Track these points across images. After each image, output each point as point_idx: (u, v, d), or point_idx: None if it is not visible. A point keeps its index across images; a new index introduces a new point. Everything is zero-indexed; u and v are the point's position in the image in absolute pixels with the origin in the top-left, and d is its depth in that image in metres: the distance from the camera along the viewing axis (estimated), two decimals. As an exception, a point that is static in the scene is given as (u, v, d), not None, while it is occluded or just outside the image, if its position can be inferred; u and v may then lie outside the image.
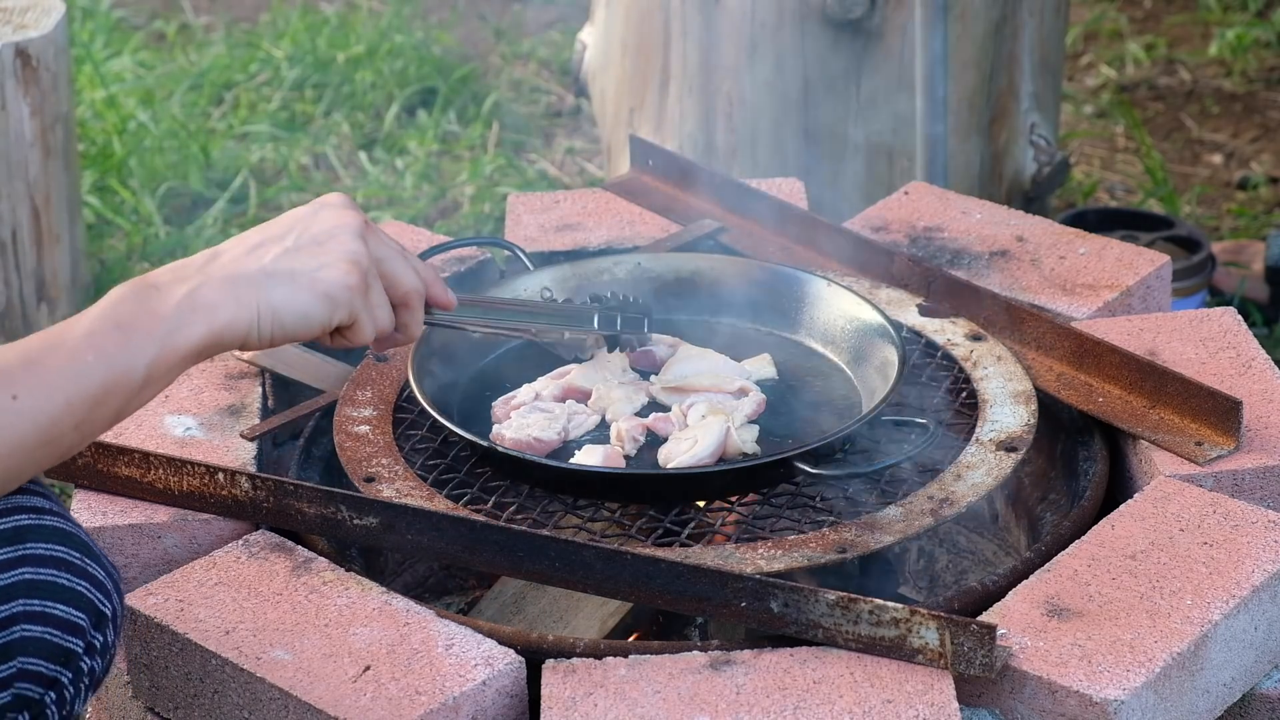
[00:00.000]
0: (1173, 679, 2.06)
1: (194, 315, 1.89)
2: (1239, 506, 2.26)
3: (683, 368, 2.43)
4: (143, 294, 1.89)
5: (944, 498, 2.23)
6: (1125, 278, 2.70)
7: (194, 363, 1.90)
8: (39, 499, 1.90)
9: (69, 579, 1.87)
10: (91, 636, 1.88)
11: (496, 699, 2.08)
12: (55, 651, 1.85)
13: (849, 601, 2.06)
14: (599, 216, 2.90)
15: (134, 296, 1.88)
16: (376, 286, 2.02)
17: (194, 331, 1.88)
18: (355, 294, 1.97)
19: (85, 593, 1.88)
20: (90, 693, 1.91)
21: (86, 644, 1.87)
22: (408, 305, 2.07)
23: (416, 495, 2.26)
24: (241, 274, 1.92)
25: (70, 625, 1.86)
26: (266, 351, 2.53)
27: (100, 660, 1.90)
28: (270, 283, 1.93)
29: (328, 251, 1.96)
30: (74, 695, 1.88)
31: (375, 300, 2.02)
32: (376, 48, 4.85)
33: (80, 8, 5.06)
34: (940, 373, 2.48)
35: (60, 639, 1.85)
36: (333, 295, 1.96)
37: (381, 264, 2.02)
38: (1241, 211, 4.26)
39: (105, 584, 1.90)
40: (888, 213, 2.89)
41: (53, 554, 1.88)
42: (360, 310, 1.99)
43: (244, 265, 1.93)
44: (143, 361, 1.86)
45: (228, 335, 1.91)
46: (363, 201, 4.30)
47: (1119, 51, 5.01)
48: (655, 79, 3.70)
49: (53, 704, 1.86)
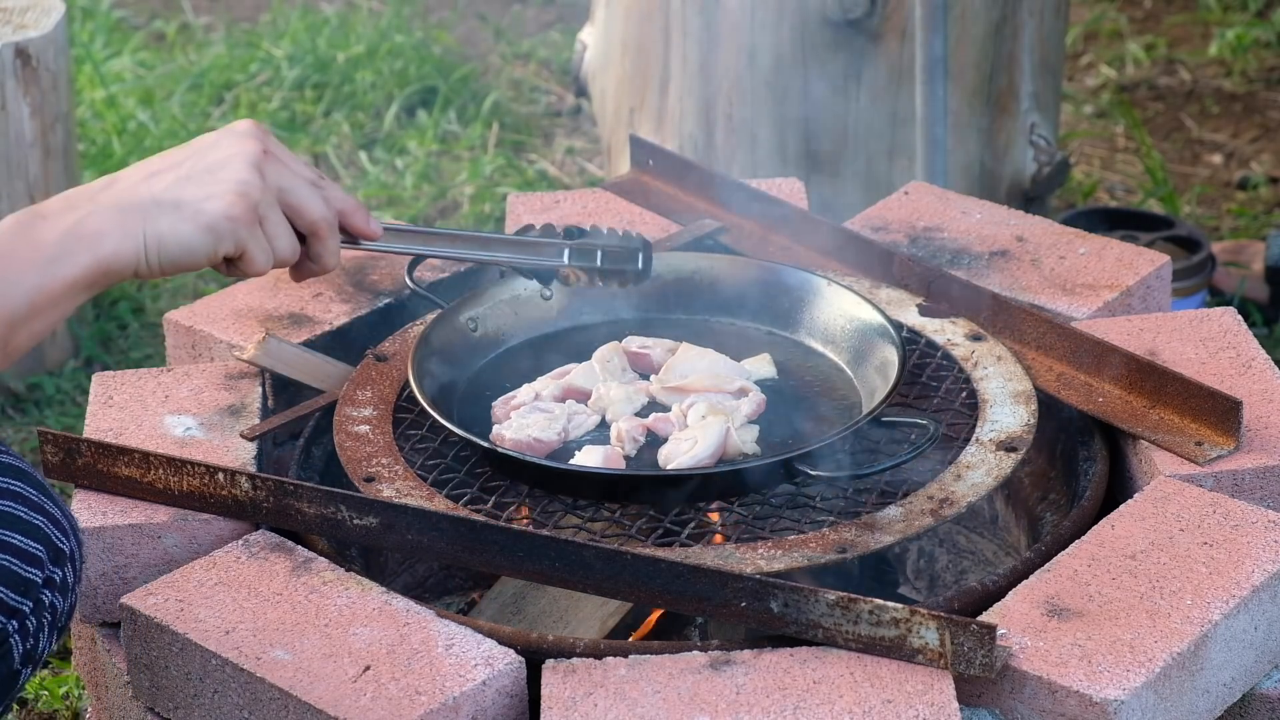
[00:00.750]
0: (1173, 679, 2.06)
1: (78, 244, 1.86)
2: (1239, 506, 2.26)
3: (683, 368, 2.43)
4: (28, 223, 1.86)
5: (944, 498, 2.23)
6: (1125, 278, 2.70)
7: (86, 294, 1.87)
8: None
9: (26, 512, 1.86)
10: (51, 570, 1.86)
11: (496, 699, 2.08)
12: (16, 581, 1.84)
13: (849, 601, 2.06)
14: (599, 216, 2.90)
15: (19, 226, 1.85)
16: (274, 217, 1.97)
17: (79, 260, 1.85)
18: (240, 225, 1.94)
19: (42, 527, 1.87)
20: (54, 635, 1.89)
21: (46, 577, 1.86)
22: (318, 235, 2.02)
23: (416, 495, 2.26)
24: (131, 202, 1.90)
25: (29, 556, 1.84)
26: (266, 351, 2.53)
27: (61, 598, 1.88)
28: (157, 212, 1.90)
29: (217, 181, 1.93)
30: (37, 628, 1.86)
31: (271, 231, 1.97)
32: (376, 48, 4.85)
33: (80, 8, 5.05)
34: (940, 373, 2.48)
35: (20, 568, 1.84)
36: (215, 227, 1.93)
37: (284, 194, 1.98)
38: (1241, 211, 4.26)
39: (62, 522, 1.89)
40: (888, 213, 2.89)
41: (9, 488, 1.87)
42: (248, 241, 1.95)
43: (135, 193, 1.90)
44: (23, 291, 1.83)
45: (115, 265, 1.88)
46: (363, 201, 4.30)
47: (1119, 51, 5.01)
48: (655, 79, 3.70)
49: (15, 634, 1.84)
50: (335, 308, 2.69)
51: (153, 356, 3.74)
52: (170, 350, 2.70)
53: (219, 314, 2.67)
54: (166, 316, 2.69)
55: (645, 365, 2.48)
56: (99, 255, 1.87)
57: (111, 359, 3.75)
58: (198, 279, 4.00)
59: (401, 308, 2.69)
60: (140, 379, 2.56)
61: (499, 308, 2.55)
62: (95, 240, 1.87)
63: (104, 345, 3.79)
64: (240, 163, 1.95)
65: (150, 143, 4.41)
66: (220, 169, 1.94)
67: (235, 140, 1.97)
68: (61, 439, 2.35)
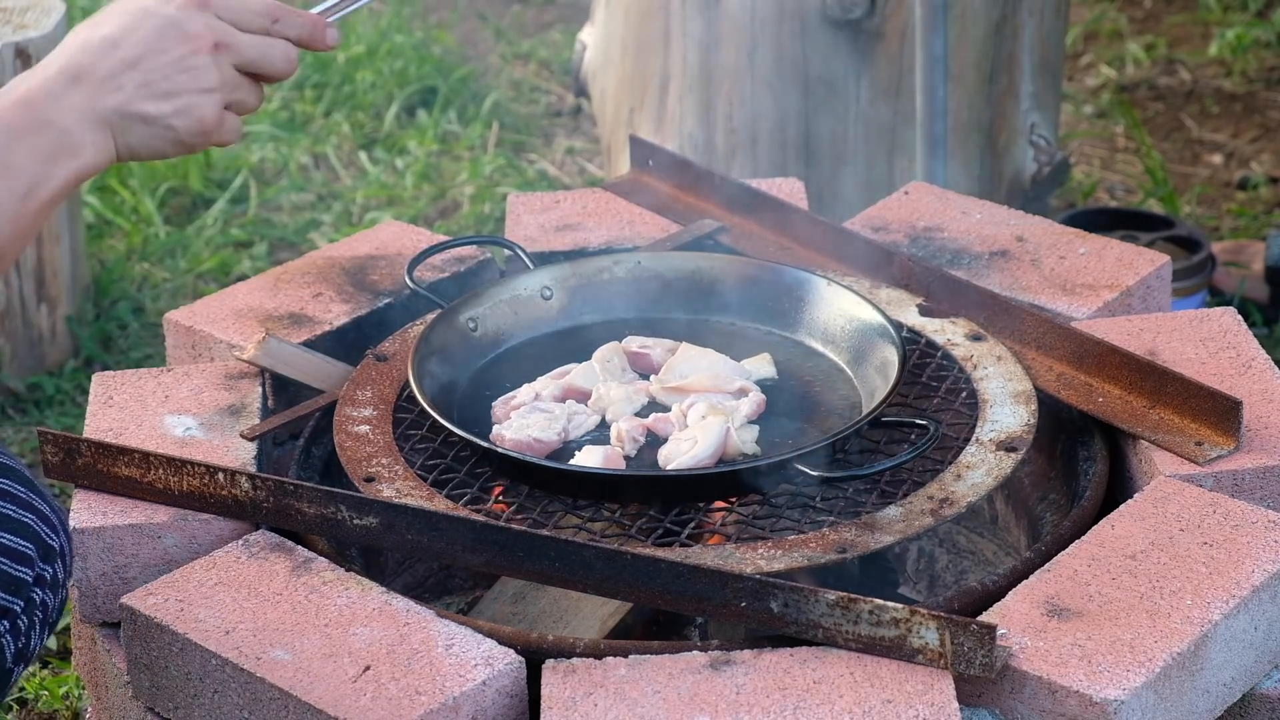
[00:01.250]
0: (1173, 679, 2.06)
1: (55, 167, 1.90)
2: (1239, 506, 2.26)
3: (683, 368, 2.43)
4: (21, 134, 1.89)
5: (944, 498, 2.23)
6: (1125, 278, 2.70)
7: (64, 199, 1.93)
8: None
9: (14, 510, 1.88)
10: (40, 568, 1.87)
11: (496, 699, 2.08)
12: (6, 580, 1.85)
13: (849, 601, 2.06)
14: (599, 216, 2.90)
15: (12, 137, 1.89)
16: (239, 96, 1.98)
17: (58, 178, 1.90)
18: (209, 130, 1.96)
19: (31, 524, 1.88)
20: (45, 631, 1.91)
21: (36, 575, 1.87)
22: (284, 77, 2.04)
23: (416, 495, 2.26)
24: (100, 114, 1.92)
25: (18, 554, 1.86)
26: (266, 351, 2.53)
27: (51, 595, 1.90)
28: (127, 124, 1.93)
29: (180, 93, 1.94)
30: (28, 627, 1.88)
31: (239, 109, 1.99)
32: (376, 48, 4.85)
33: (80, 8, 5.05)
34: (940, 373, 2.48)
35: (10, 568, 1.85)
36: (186, 141, 1.96)
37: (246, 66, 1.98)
38: (1241, 211, 4.26)
39: (51, 519, 1.91)
40: (888, 213, 2.89)
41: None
42: (217, 134, 1.97)
43: (103, 101, 1.92)
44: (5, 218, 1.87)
45: (92, 172, 1.93)
46: (362, 201, 4.30)
47: (1119, 51, 5.01)
48: (655, 79, 3.70)
49: (6, 633, 1.86)
50: (335, 308, 2.69)
51: (153, 356, 3.74)
52: (170, 350, 2.70)
53: (219, 314, 2.67)
54: (166, 316, 2.69)
55: (645, 365, 2.48)
56: (78, 169, 1.91)
57: (111, 359, 3.75)
58: (197, 279, 4.00)
59: (401, 308, 2.69)
60: (140, 379, 2.56)
61: (499, 308, 2.55)
62: (72, 156, 1.91)
63: (104, 345, 3.79)
64: (200, 68, 1.95)
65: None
66: (179, 74, 1.95)
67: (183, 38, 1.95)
68: (61, 439, 2.35)
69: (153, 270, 4.03)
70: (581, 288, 2.59)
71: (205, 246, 4.10)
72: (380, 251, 2.81)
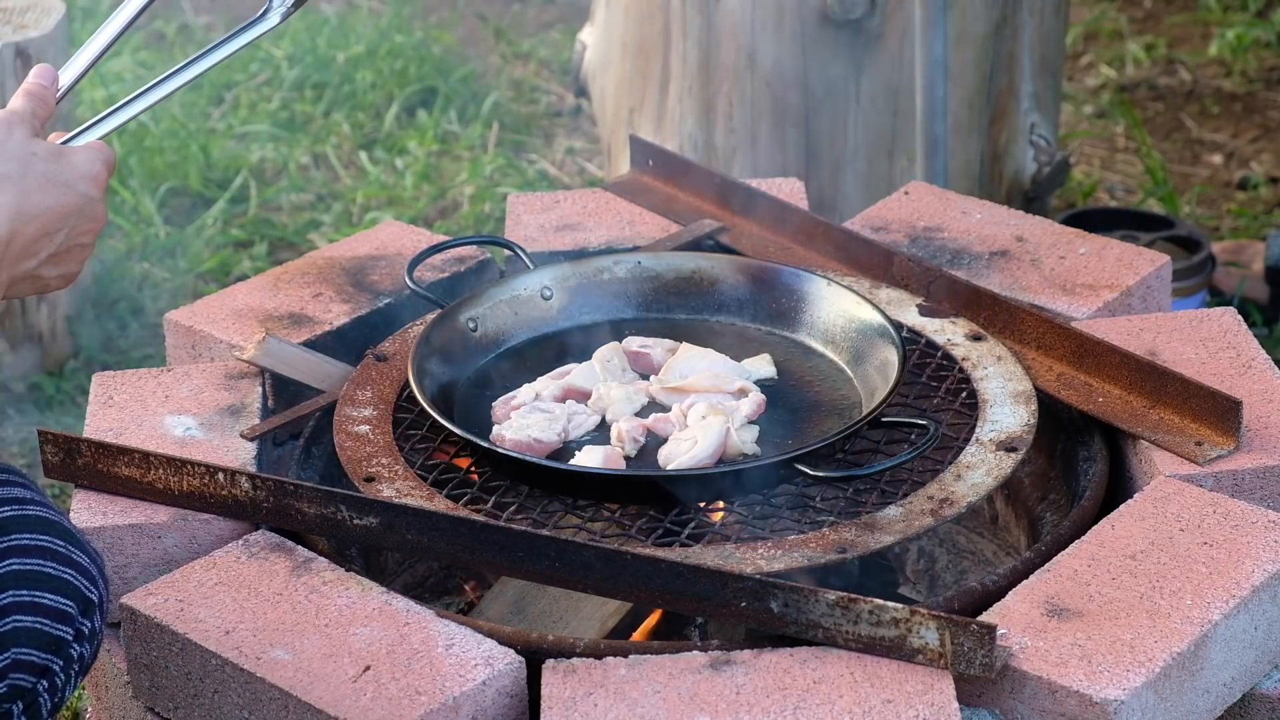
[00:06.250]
0: (1173, 679, 2.06)
1: None
2: (1239, 506, 2.26)
3: (683, 368, 2.43)
4: None
5: (944, 498, 2.23)
6: (1125, 278, 2.70)
7: None
8: (19, 489, 1.93)
9: (55, 568, 1.90)
10: (80, 623, 1.91)
11: (496, 699, 2.08)
12: (47, 640, 1.88)
13: (849, 601, 2.06)
14: (599, 216, 2.90)
15: None
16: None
17: None
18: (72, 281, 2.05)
19: (71, 580, 1.90)
20: (79, 678, 1.94)
21: (76, 631, 1.91)
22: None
23: (416, 495, 2.26)
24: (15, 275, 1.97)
25: (60, 614, 1.89)
26: (266, 352, 2.53)
27: (89, 646, 1.93)
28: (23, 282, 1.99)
29: (72, 261, 2.01)
30: (65, 682, 1.91)
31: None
32: (376, 48, 4.85)
33: (80, 8, 5.06)
34: (940, 373, 2.48)
35: (51, 628, 1.88)
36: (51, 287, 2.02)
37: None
38: (1241, 211, 4.26)
39: (90, 570, 1.94)
40: (888, 213, 2.89)
41: (38, 544, 1.91)
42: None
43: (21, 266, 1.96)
44: None
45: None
46: (362, 201, 4.31)
47: (1119, 51, 5.01)
48: (655, 79, 3.70)
49: (45, 692, 1.89)
50: (335, 308, 2.69)
51: (153, 356, 3.74)
52: (170, 350, 2.70)
53: (219, 314, 2.68)
54: (166, 316, 2.69)
55: (645, 365, 2.48)
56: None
57: (111, 359, 3.75)
58: (198, 279, 4.00)
59: (401, 308, 2.69)
60: (140, 379, 2.56)
61: (499, 308, 2.55)
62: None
63: (104, 345, 3.79)
64: (90, 243, 2.03)
65: (150, 142, 4.41)
66: (82, 250, 2.02)
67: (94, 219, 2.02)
68: (61, 439, 2.35)
69: (153, 270, 4.03)
70: (581, 288, 2.59)
71: (205, 246, 4.10)
72: (380, 251, 2.81)
